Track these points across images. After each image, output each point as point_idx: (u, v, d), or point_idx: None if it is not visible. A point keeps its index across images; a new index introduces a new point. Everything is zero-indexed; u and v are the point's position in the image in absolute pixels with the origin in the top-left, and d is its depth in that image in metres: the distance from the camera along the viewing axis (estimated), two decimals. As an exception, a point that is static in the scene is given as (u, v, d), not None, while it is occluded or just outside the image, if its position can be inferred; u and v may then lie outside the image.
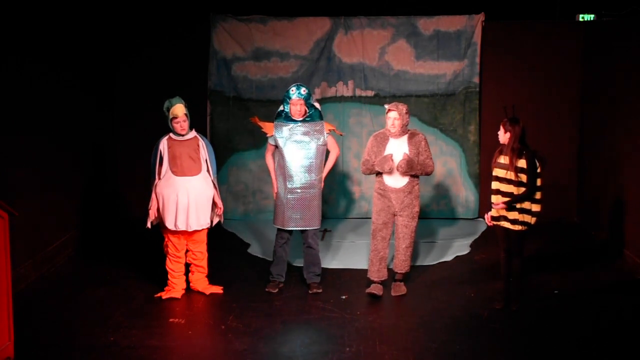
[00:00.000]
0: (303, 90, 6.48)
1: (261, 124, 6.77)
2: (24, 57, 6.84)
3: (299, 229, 6.63)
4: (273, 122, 6.67)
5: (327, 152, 6.74)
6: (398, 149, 6.42)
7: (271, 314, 6.20)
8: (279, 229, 6.72)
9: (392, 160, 6.35)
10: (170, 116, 6.33)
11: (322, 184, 6.67)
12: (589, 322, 6.01)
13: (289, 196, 6.58)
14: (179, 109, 6.31)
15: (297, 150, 6.54)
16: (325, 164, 6.71)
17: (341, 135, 7.54)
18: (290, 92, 6.50)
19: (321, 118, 6.63)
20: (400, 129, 6.39)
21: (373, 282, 6.61)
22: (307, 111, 6.53)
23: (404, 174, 6.37)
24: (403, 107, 6.40)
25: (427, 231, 8.72)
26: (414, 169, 6.36)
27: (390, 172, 6.39)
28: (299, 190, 6.57)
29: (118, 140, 9.24)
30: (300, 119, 6.54)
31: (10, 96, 6.57)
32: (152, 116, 7.93)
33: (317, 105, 6.65)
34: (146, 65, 9.17)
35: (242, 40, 9.19)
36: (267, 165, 6.79)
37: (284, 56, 9.22)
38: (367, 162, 6.51)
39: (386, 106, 6.45)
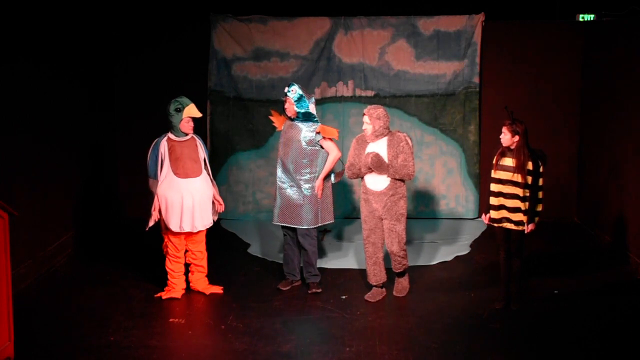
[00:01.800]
0: (292, 90, 6.48)
1: (275, 117, 6.83)
2: (23, 57, 6.83)
3: (281, 224, 6.67)
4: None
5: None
6: (376, 151, 6.30)
7: (271, 314, 6.20)
8: (281, 227, 6.77)
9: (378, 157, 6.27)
10: (184, 116, 6.30)
11: (320, 185, 6.61)
12: (589, 322, 6.01)
13: (279, 192, 6.65)
14: (196, 109, 6.31)
15: (286, 148, 6.58)
16: (322, 167, 6.65)
17: (336, 139, 6.83)
18: (285, 89, 6.58)
19: (315, 121, 6.61)
20: (373, 134, 6.27)
21: (373, 286, 6.59)
22: (297, 112, 6.53)
23: (376, 170, 6.24)
24: (375, 112, 6.24)
25: (428, 231, 8.72)
26: (383, 168, 6.24)
27: (370, 168, 6.29)
28: (284, 187, 6.61)
29: (118, 141, 9.24)
30: (292, 117, 6.57)
31: (10, 96, 6.57)
32: (152, 116, 7.94)
33: (312, 108, 6.56)
34: (146, 65, 9.17)
35: (242, 40, 9.19)
36: None
37: (284, 56, 9.22)
38: (352, 167, 6.40)
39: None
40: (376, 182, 6.34)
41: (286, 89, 6.54)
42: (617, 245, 7.74)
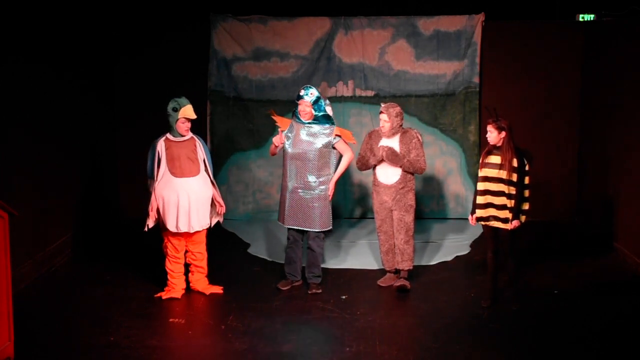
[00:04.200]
0: (311, 93, 6.45)
1: (278, 118, 6.80)
2: (24, 57, 6.83)
3: (297, 228, 6.64)
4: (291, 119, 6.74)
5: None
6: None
7: (271, 314, 6.20)
8: (287, 229, 6.74)
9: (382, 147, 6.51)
10: (180, 117, 6.29)
11: (333, 187, 6.59)
12: (588, 322, 6.00)
13: (289, 194, 6.59)
14: (191, 110, 6.29)
15: (300, 151, 6.52)
16: (335, 168, 6.62)
17: (354, 143, 6.93)
18: (300, 92, 6.52)
19: (332, 123, 6.60)
20: (390, 130, 6.50)
21: (387, 272, 6.87)
22: (314, 115, 6.51)
23: (390, 162, 6.46)
24: (393, 110, 6.47)
25: (427, 231, 8.72)
26: (400, 159, 6.45)
27: (381, 160, 6.51)
28: (299, 191, 6.56)
29: (118, 141, 9.24)
30: (308, 120, 6.53)
31: (10, 96, 6.56)
32: (152, 116, 7.93)
33: (329, 110, 6.60)
34: (146, 65, 9.17)
35: (242, 40, 9.19)
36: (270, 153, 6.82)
37: (284, 56, 9.22)
38: (362, 159, 6.69)
39: (382, 105, 6.55)
40: (388, 176, 6.55)
41: (302, 92, 6.46)
42: (616, 245, 7.73)
